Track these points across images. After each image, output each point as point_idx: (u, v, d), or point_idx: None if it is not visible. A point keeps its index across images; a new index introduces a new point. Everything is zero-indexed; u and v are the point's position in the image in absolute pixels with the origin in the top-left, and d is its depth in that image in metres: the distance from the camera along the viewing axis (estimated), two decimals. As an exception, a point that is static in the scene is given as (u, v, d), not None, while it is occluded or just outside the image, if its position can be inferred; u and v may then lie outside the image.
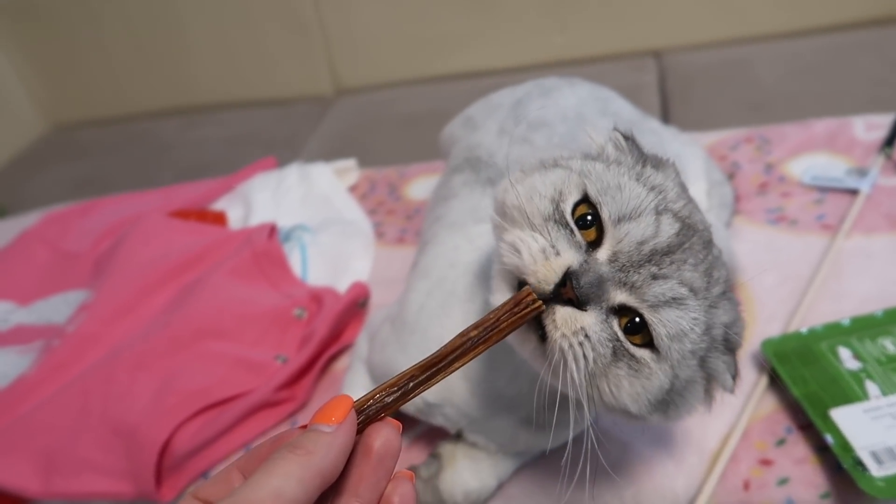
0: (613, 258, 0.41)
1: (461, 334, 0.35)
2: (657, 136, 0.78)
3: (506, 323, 0.36)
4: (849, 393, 0.58)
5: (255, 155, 1.10)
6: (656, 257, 0.40)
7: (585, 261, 0.40)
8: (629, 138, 0.49)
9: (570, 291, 0.39)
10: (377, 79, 1.96)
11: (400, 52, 1.91)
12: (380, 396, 0.32)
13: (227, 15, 1.92)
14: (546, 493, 0.60)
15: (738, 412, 0.61)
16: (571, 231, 0.41)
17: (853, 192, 0.80)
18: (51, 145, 2.10)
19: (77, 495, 0.64)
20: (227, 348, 0.72)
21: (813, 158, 0.87)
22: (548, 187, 0.43)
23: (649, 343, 0.41)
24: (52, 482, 0.64)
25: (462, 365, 0.34)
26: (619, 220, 0.41)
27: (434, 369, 0.33)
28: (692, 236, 0.42)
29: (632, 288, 0.40)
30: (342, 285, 0.80)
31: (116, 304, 0.77)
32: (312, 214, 0.93)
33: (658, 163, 0.48)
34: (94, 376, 0.70)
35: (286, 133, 1.84)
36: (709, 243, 0.44)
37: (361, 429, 0.32)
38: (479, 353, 0.35)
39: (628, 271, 0.40)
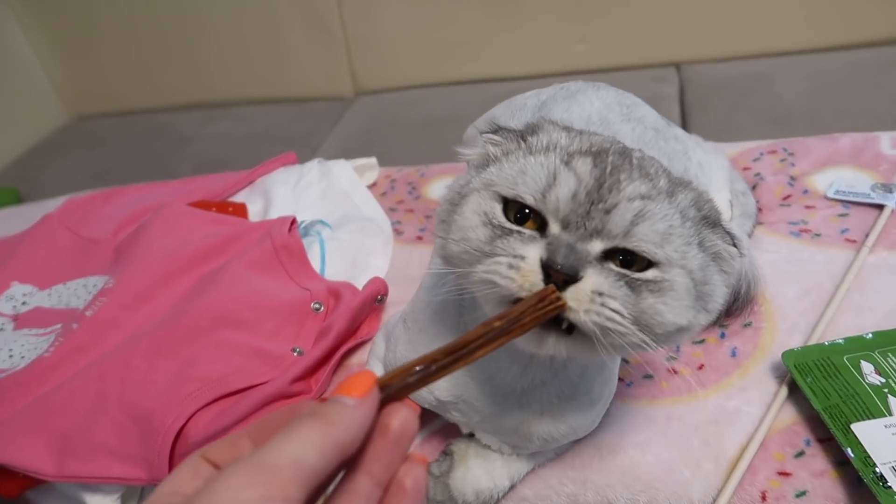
0: (565, 225, 0.42)
1: (484, 323, 0.35)
2: (681, 144, 0.78)
3: (529, 318, 0.37)
4: (871, 408, 0.57)
5: (272, 152, 1.11)
6: (594, 195, 0.42)
7: (549, 243, 0.41)
8: (497, 130, 0.50)
9: (558, 274, 0.40)
10: (396, 81, 1.97)
11: (420, 55, 1.92)
12: (401, 377, 0.32)
13: (251, 13, 1.94)
14: (559, 496, 0.59)
15: (757, 422, 0.60)
16: (519, 233, 0.43)
17: (878, 208, 0.79)
18: (71, 135, 2.12)
19: (90, 478, 0.64)
20: (245, 338, 0.72)
21: (838, 172, 0.86)
22: (472, 218, 0.45)
23: (649, 264, 0.42)
24: (66, 464, 0.64)
25: (484, 354, 0.34)
26: (544, 195, 0.43)
27: (456, 355, 0.33)
28: (607, 157, 0.44)
29: (598, 233, 0.42)
30: (360, 282, 0.80)
31: (136, 290, 0.77)
32: (332, 210, 0.94)
33: (533, 129, 0.49)
34: (112, 361, 0.70)
35: (304, 132, 1.85)
36: (624, 152, 0.46)
37: (380, 408, 0.31)
38: (502, 345, 0.35)
39: (585, 224, 0.42)
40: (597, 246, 0.42)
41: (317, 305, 0.76)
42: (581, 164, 0.44)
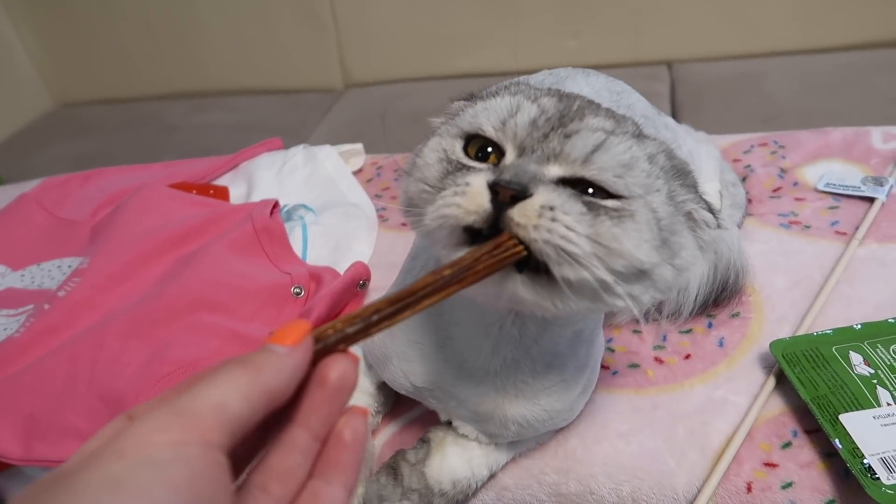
0: (521, 151, 0.41)
1: (434, 272, 0.33)
2: (672, 133, 0.77)
3: (483, 265, 0.35)
4: (860, 398, 0.56)
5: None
6: (555, 122, 0.41)
7: (499, 168, 0.40)
8: (471, 96, 0.50)
9: (505, 191, 0.37)
10: (387, 74, 1.95)
11: (411, 48, 1.90)
12: (341, 326, 0.30)
13: (241, 1, 1.91)
14: (540, 485, 0.58)
15: (744, 413, 0.59)
16: (473, 168, 0.41)
17: (868, 201, 0.78)
18: (56, 122, 2.09)
19: (59, 462, 0.62)
20: (222, 321, 0.70)
21: (828, 165, 0.85)
22: (430, 156, 0.43)
23: (609, 197, 0.40)
24: (34, 447, 0.62)
25: (432, 303, 0.32)
26: (504, 123, 0.42)
27: (401, 304, 0.31)
28: (575, 100, 0.44)
29: (556, 156, 0.40)
30: (343, 267, 0.78)
31: (111, 270, 0.75)
32: (316, 195, 0.92)
33: (505, 85, 0.49)
34: (84, 342, 0.68)
35: (293, 123, 1.82)
36: (593, 102, 0.45)
37: (318, 359, 0.30)
38: (452, 293, 0.33)
39: (542, 147, 0.40)
40: (553, 170, 0.40)
41: (297, 290, 0.74)
42: (547, 100, 0.43)
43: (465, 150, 0.43)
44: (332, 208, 0.87)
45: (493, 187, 0.37)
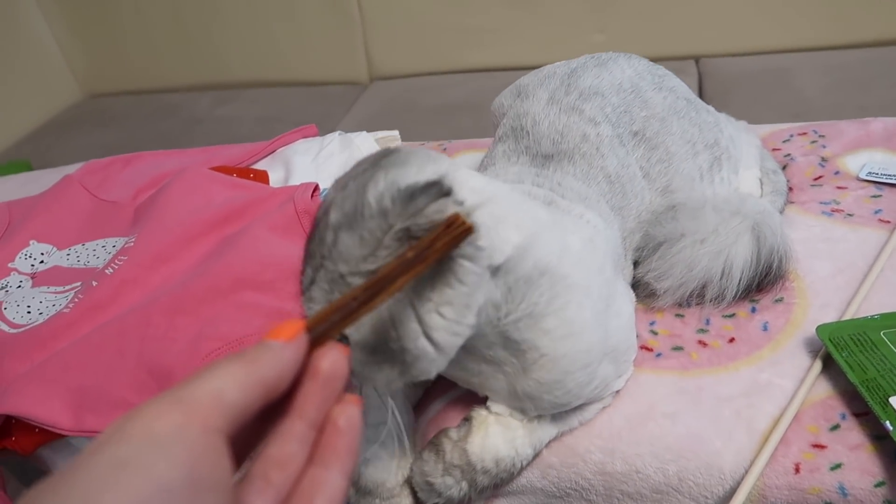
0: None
1: (399, 256, 0.36)
2: (713, 117, 0.77)
3: (441, 242, 0.38)
4: (910, 382, 0.56)
5: (285, 134, 1.09)
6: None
7: None
8: None
9: None
10: (413, 67, 1.96)
11: (437, 41, 1.91)
12: (327, 317, 0.33)
13: (268, -5, 1.93)
14: (586, 463, 0.58)
15: (790, 395, 0.59)
16: None
17: (912, 189, 0.78)
18: (84, 112, 2.12)
19: (108, 434, 0.63)
20: (266, 300, 0.71)
21: (870, 154, 0.85)
22: None
23: None
24: (84, 419, 0.64)
25: (403, 284, 0.35)
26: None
27: (375, 289, 0.34)
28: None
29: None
30: (382, 250, 0.78)
31: (156, 250, 0.76)
32: (353, 181, 0.92)
33: None
34: (132, 318, 0.69)
35: (318, 115, 1.83)
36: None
37: (310, 351, 0.32)
38: (419, 273, 0.36)
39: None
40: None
41: (339, 271, 0.75)
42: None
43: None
44: (369, 193, 0.88)
45: None
